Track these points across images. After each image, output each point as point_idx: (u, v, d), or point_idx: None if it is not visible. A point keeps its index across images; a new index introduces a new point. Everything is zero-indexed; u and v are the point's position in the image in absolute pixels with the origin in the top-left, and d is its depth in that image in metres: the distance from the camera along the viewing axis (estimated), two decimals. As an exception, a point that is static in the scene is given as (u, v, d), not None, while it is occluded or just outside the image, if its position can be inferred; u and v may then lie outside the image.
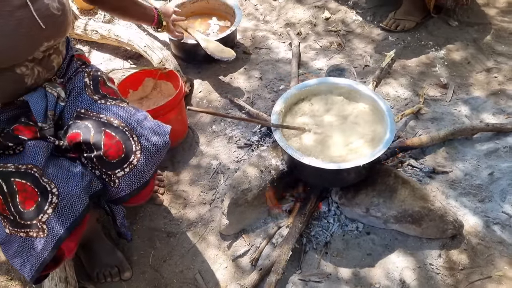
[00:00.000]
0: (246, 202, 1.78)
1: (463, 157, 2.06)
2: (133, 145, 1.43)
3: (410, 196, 1.73)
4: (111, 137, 1.41)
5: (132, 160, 1.42)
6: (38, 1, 1.28)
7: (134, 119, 1.48)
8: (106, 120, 1.45)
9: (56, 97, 1.44)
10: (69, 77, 1.54)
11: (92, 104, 1.49)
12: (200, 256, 1.80)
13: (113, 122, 1.44)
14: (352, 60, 2.63)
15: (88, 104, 1.49)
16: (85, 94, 1.51)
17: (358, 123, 1.80)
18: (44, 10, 1.30)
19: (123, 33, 2.67)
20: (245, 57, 2.71)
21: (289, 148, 1.66)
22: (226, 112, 2.35)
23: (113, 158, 1.39)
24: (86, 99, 1.50)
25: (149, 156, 1.45)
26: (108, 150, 1.39)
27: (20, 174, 1.30)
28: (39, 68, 1.39)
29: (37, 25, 1.28)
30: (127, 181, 1.43)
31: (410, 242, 1.78)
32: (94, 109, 1.48)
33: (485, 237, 1.78)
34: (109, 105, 1.50)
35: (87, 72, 1.58)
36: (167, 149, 1.54)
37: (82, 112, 1.47)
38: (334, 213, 1.87)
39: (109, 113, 1.47)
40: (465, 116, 2.25)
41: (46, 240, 1.30)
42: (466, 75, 2.49)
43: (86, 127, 1.42)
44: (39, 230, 1.29)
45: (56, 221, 1.30)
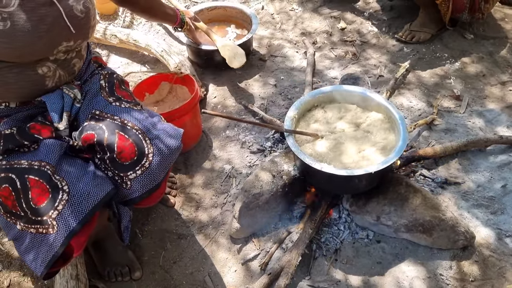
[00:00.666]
0: (257, 206, 1.79)
1: (476, 169, 2.05)
2: (146, 148, 1.45)
3: (422, 205, 1.73)
4: (125, 139, 1.43)
5: (145, 162, 1.44)
6: (62, 2, 1.32)
7: (147, 122, 1.51)
8: (120, 122, 1.47)
9: (72, 99, 1.48)
10: (86, 79, 1.58)
11: (107, 106, 1.52)
12: (210, 258, 1.82)
13: (127, 124, 1.47)
14: (366, 70, 2.65)
15: (103, 106, 1.52)
16: (100, 96, 1.54)
17: (370, 131, 1.81)
18: (68, 11, 1.34)
19: (141, 38, 2.73)
20: (261, 64, 2.75)
21: (301, 153, 1.68)
22: (240, 117, 2.38)
23: (125, 160, 1.42)
24: (101, 101, 1.53)
25: (162, 159, 1.48)
26: (121, 152, 1.41)
27: (33, 170, 1.33)
28: (61, 71, 1.43)
29: (58, 24, 1.32)
30: (139, 183, 1.45)
31: (420, 251, 1.78)
32: (108, 111, 1.51)
33: (497, 250, 1.77)
34: (124, 108, 1.53)
35: (103, 75, 1.61)
36: (179, 152, 1.57)
37: (97, 114, 1.50)
38: (344, 220, 1.87)
39: (123, 115, 1.50)
40: (479, 128, 2.24)
41: (56, 236, 1.32)
42: (480, 87, 2.49)
43: (101, 128, 1.44)
44: (49, 227, 1.32)
45: (66, 218, 1.32)
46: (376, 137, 1.79)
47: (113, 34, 2.79)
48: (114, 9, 3.16)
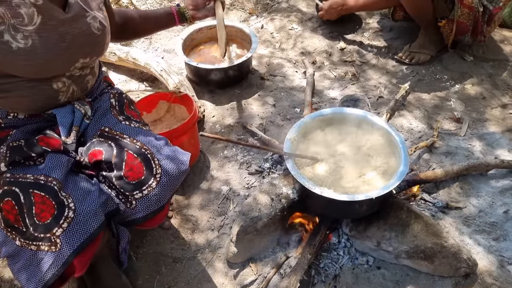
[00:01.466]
0: (255, 230, 1.75)
1: (478, 193, 2.02)
2: (154, 169, 1.45)
3: (423, 232, 1.69)
4: (133, 159, 1.43)
5: (152, 183, 1.43)
6: (80, 20, 1.34)
7: (156, 144, 1.51)
8: (129, 141, 1.47)
9: (83, 114, 1.48)
10: (96, 97, 1.59)
11: (117, 124, 1.53)
12: (206, 283, 1.77)
13: (136, 144, 1.47)
14: (366, 90, 2.63)
15: (113, 123, 1.52)
16: (110, 114, 1.55)
17: (371, 154, 1.78)
18: (86, 29, 1.36)
19: (140, 56, 2.71)
20: (260, 83, 2.73)
21: (301, 177, 1.64)
22: (238, 138, 2.35)
23: (132, 179, 1.41)
24: (111, 119, 1.54)
25: (168, 181, 1.47)
26: (128, 170, 1.41)
27: (39, 186, 1.30)
28: (74, 87, 1.44)
29: (77, 42, 1.34)
30: (144, 203, 1.43)
31: (421, 279, 1.73)
32: (118, 129, 1.51)
33: (500, 277, 1.73)
34: (133, 127, 1.54)
35: (113, 94, 1.63)
36: (186, 175, 1.56)
37: (106, 131, 1.50)
38: (344, 245, 1.83)
39: (133, 134, 1.50)
40: (479, 152, 2.22)
41: (57, 255, 1.29)
42: (481, 110, 2.47)
43: (109, 146, 1.45)
44: (52, 244, 1.28)
45: (71, 236, 1.29)
46: (377, 161, 1.76)
47: (112, 52, 2.77)
48: (114, 26, 3.15)
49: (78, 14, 1.34)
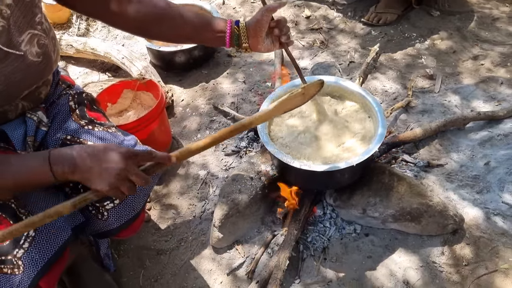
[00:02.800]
0: (237, 212, 1.69)
1: (457, 148, 2.01)
2: None
3: (407, 193, 1.66)
4: None
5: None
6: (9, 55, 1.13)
7: (124, 145, 1.39)
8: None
9: (36, 122, 1.33)
10: (52, 101, 1.44)
11: (79, 130, 1.38)
12: (193, 272, 1.72)
13: None
14: (336, 56, 2.57)
15: (74, 130, 1.38)
16: (70, 119, 1.41)
17: (348, 121, 1.73)
18: (21, 62, 1.15)
19: (99, 46, 2.58)
20: (227, 61, 2.64)
21: (278, 152, 1.58)
22: (211, 119, 2.27)
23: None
24: (72, 125, 1.39)
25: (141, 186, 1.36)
26: None
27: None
28: (24, 102, 1.29)
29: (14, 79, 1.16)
30: (116, 213, 1.34)
31: (410, 240, 1.72)
32: (81, 135, 1.37)
33: (487, 230, 1.72)
34: (97, 131, 1.40)
35: (71, 95, 1.47)
36: (159, 176, 1.45)
37: (68, 139, 1.36)
38: (330, 217, 1.79)
39: (97, 140, 1.37)
40: (455, 106, 2.20)
41: (22, 277, 1.18)
42: (453, 64, 2.45)
43: None
44: (14, 267, 1.18)
45: (33, 256, 1.19)
46: (355, 127, 1.71)
47: (69, 44, 2.64)
48: (67, 17, 2.99)
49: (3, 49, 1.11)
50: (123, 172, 1.03)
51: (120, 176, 1.03)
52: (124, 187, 1.06)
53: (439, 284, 1.59)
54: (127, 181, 1.06)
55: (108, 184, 1.04)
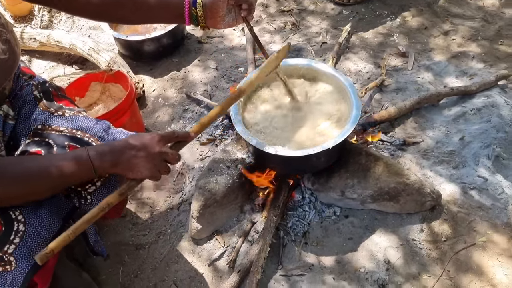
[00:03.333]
0: (215, 202, 1.66)
1: (432, 125, 2.01)
2: None
3: (385, 173, 1.66)
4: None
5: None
6: None
7: (97, 129, 1.35)
8: (69, 133, 1.30)
9: (3, 116, 1.29)
10: (15, 93, 1.38)
11: (49, 118, 1.34)
12: (173, 265, 1.69)
13: (76, 134, 1.30)
14: (308, 38, 2.54)
15: (44, 118, 1.33)
16: (39, 109, 1.35)
17: (321, 103, 1.71)
18: None
19: (63, 38, 2.49)
20: (198, 48, 2.58)
21: (253, 139, 1.55)
22: (184, 108, 2.22)
23: None
24: (41, 114, 1.34)
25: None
26: None
27: None
28: None
29: None
30: (99, 195, 1.30)
31: (390, 219, 1.72)
32: (52, 122, 1.32)
33: (464, 204, 1.73)
34: (68, 116, 1.35)
35: (34, 85, 1.41)
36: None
37: (39, 129, 1.31)
38: (309, 201, 1.78)
39: (70, 124, 1.32)
40: (428, 83, 2.20)
41: (15, 274, 1.14)
42: (424, 41, 2.44)
43: (47, 144, 1.27)
44: (6, 264, 1.14)
45: (24, 252, 1.14)
46: (329, 109, 1.69)
47: (32, 37, 2.53)
48: (29, 9, 2.87)
49: None
50: (158, 155, 1.13)
51: (156, 160, 1.13)
52: (162, 169, 1.16)
53: (419, 261, 1.60)
54: (163, 162, 1.15)
55: (148, 170, 1.13)
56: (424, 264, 1.59)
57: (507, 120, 1.91)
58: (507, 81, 2.15)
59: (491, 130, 1.89)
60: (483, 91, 2.08)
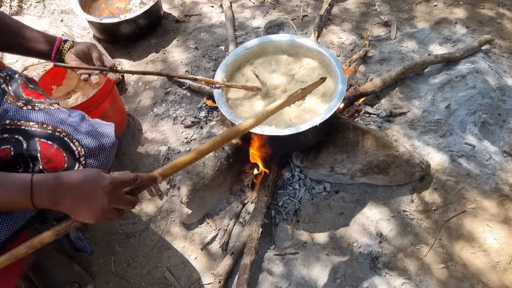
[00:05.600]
0: (204, 185, 1.64)
1: (418, 94, 2.00)
2: (76, 151, 1.23)
3: (373, 146, 1.65)
4: (48, 147, 1.20)
5: (78, 167, 1.22)
6: None
7: (70, 121, 1.28)
8: (38, 127, 1.23)
9: None
10: None
11: (18, 112, 1.26)
12: (166, 252, 1.67)
13: (46, 129, 1.23)
14: (289, 12, 2.48)
15: (12, 113, 1.25)
16: (6, 103, 1.27)
17: (306, 80, 1.67)
18: None
19: (35, 24, 2.38)
20: (176, 27, 2.50)
21: (239, 119, 1.52)
22: (166, 91, 2.16)
23: (55, 170, 1.19)
24: (9, 108, 1.26)
25: (98, 159, 1.27)
26: (47, 162, 1.18)
27: None
28: None
29: None
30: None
31: (380, 192, 1.72)
32: (21, 117, 1.25)
33: (453, 172, 1.74)
34: (38, 110, 1.28)
35: (2, 77, 1.33)
36: (116, 148, 1.35)
37: (7, 124, 1.24)
38: (298, 178, 1.77)
39: (40, 119, 1.25)
40: (412, 51, 2.17)
41: None
42: (406, 8, 2.40)
43: (16, 140, 1.20)
44: None
45: None
46: (314, 85, 1.65)
47: (1, 25, 2.42)
48: (-4, -5, 2.74)
49: None
50: (108, 205, 0.99)
51: (105, 209, 0.99)
52: (111, 216, 1.02)
53: (411, 231, 1.60)
54: (114, 210, 1.01)
55: (94, 218, 1.00)
56: (416, 234, 1.60)
57: (492, 86, 1.91)
58: (490, 45, 2.14)
59: (476, 97, 1.89)
60: (467, 57, 2.07)
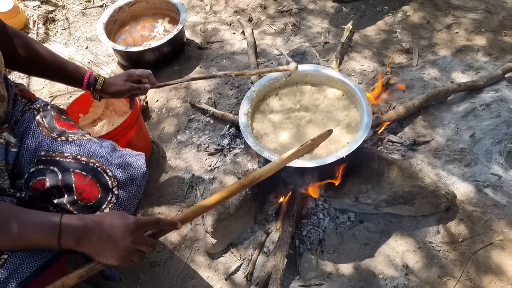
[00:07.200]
0: (229, 215, 1.64)
1: (442, 123, 1.99)
2: (109, 182, 1.25)
3: (399, 177, 1.64)
4: (82, 177, 1.23)
5: (111, 198, 1.25)
6: None
7: (102, 153, 1.30)
8: (72, 159, 1.26)
9: (4, 144, 1.25)
10: (17, 119, 1.34)
11: (52, 144, 1.29)
12: (190, 281, 1.67)
13: (80, 159, 1.26)
14: (310, 39, 2.51)
15: (47, 144, 1.29)
16: (41, 135, 1.31)
17: (330, 110, 1.69)
18: None
19: (62, 51, 2.45)
20: (199, 54, 2.54)
21: (265, 151, 1.53)
22: (189, 118, 2.19)
23: (89, 201, 1.22)
24: (44, 140, 1.30)
25: (129, 190, 1.29)
26: (82, 192, 1.21)
27: None
28: None
29: None
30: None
31: (405, 222, 1.70)
32: (55, 149, 1.28)
33: (479, 203, 1.72)
34: (71, 141, 1.31)
35: (36, 109, 1.37)
36: (146, 178, 1.38)
37: (42, 155, 1.27)
38: (322, 208, 1.76)
39: (74, 150, 1.28)
40: (435, 79, 2.17)
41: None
42: (427, 35, 2.41)
43: (52, 171, 1.23)
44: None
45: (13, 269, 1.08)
46: (338, 116, 1.67)
47: (29, 52, 2.49)
48: (24, 22, 2.82)
49: None
50: (131, 246, 1.03)
51: (128, 250, 1.03)
52: (133, 257, 1.06)
53: (438, 263, 1.58)
54: (136, 251, 1.05)
55: (117, 259, 1.03)
56: (442, 266, 1.58)
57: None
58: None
59: (501, 126, 1.87)
60: (490, 85, 2.06)
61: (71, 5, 2.97)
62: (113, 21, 2.51)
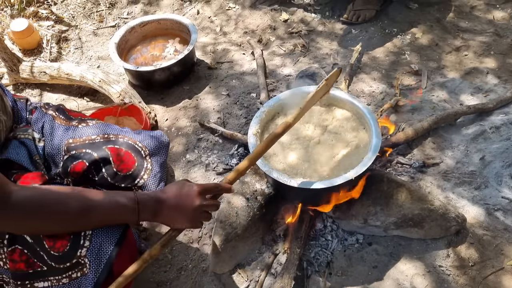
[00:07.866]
0: (236, 236, 1.64)
1: (451, 145, 1.98)
2: (142, 151, 1.42)
3: (408, 200, 1.63)
4: (117, 150, 1.36)
5: (147, 165, 1.42)
6: None
7: (126, 130, 1.46)
8: (101, 138, 1.38)
9: (32, 140, 1.35)
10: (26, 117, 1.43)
11: (76, 131, 1.40)
12: (196, 302, 1.66)
13: (109, 137, 1.39)
14: (319, 60, 2.53)
15: (71, 133, 1.39)
16: (61, 126, 1.41)
17: (339, 132, 1.69)
18: None
19: (73, 70, 2.48)
20: (208, 74, 2.57)
21: (274, 171, 1.53)
22: (198, 137, 2.20)
23: (128, 170, 1.36)
24: (66, 130, 1.41)
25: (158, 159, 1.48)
26: (120, 164, 1.34)
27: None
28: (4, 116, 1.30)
29: None
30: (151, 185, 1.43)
31: (414, 245, 1.68)
32: (81, 134, 1.39)
33: (490, 226, 1.70)
34: (94, 125, 1.43)
35: (43, 106, 1.47)
36: (169, 147, 1.59)
37: (71, 142, 1.36)
38: (330, 229, 1.75)
39: (99, 131, 1.40)
40: (444, 101, 2.17)
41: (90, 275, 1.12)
42: (436, 57, 2.42)
43: (86, 153, 1.33)
44: (83, 267, 1.12)
45: (96, 251, 1.12)
46: (347, 137, 1.67)
47: (42, 71, 2.53)
48: (37, 42, 2.88)
49: None
50: (199, 207, 1.17)
51: (197, 211, 1.17)
52: (202, 218, 1.20)
53: (448, 288, 1.56)
54: (203, 213, 1.20)
55: (189, 221, 1.18)
56: (453, 292, 1.55)
57: (528, 138, 1.88)
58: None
59: (511, 149, 1.86)
60: (500, 108, 2.05)
61: (84, 25, 3.03)
62: (125, 41, 2.56)
